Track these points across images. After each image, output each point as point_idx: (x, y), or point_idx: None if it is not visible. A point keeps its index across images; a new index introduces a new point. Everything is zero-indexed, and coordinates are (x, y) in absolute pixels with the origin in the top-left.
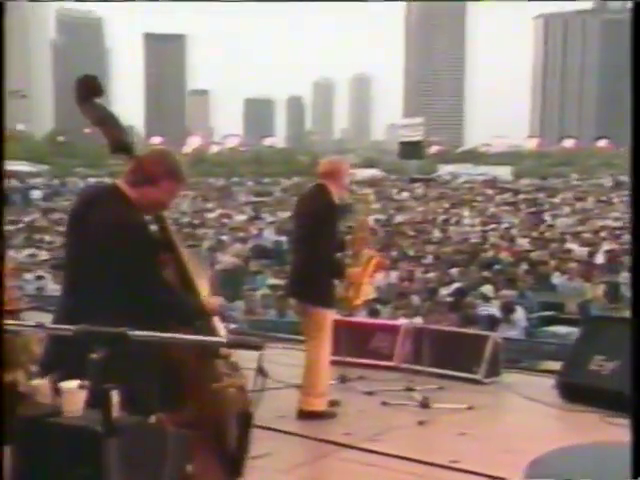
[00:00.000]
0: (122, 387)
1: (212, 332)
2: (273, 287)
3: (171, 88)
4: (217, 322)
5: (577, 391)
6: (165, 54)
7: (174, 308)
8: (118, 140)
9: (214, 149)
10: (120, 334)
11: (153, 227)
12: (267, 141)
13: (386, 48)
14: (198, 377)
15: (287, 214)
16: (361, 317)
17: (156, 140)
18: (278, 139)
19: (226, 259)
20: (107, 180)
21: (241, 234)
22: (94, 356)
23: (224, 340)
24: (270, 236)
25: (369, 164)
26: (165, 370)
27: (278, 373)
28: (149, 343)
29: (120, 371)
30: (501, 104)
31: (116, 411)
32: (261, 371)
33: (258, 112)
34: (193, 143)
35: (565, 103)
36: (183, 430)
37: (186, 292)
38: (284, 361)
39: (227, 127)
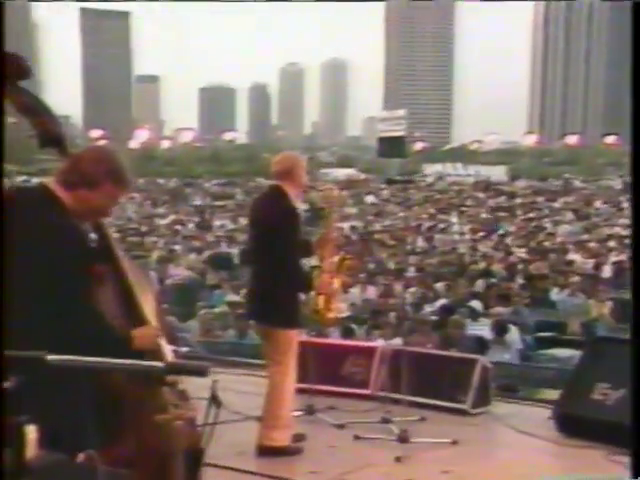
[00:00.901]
0: (43, 421)
1: (156, 356)
2: (233, 304)
3: (114, 73)
4: (163, 344)
5: (577, 424)
6: (106, 33)
7: (97, 341)
8: (48, 132)
9: (165, 144)
10: (36, 358)
11: (92, 235)
12: (226, 136)
13: (364, 30)
14: (139, 408)
15: None
16: (332, 338)
17: (96, 133)
18: (239, 134)
19: (178, 272)
20: (36, 180)
21: (196, 243)
22: (6, 384)
23: (160, 365)
24: (230, 245)
25: (344, 163)
26: (99, 400)
27: (236, 403)
28: (75, 369)
29: (40, 402)
30: (495, 96)
31: (33, 449)
32: (214, 400)
33: (216, 102)
34: (140, 137)
35: (568, 94)
36: (120, 469)
37: (125, 310)
38: (243, 389)
39: (180, 119)
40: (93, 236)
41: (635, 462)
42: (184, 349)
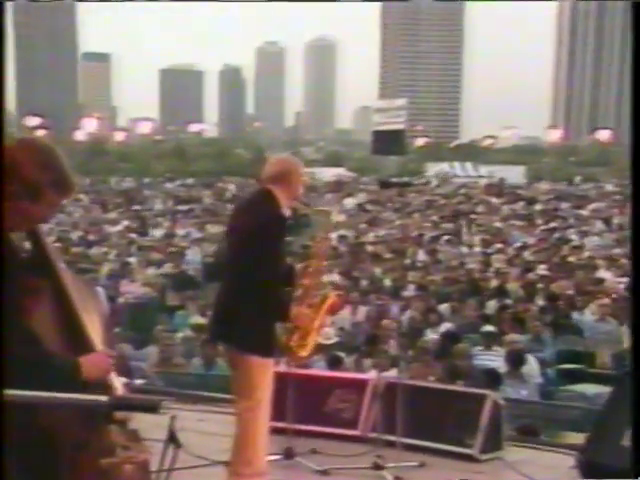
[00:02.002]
0: None
1: (103, 389)
2: (198, 328)
3: (55, 49)
4: (112, 374)
5: (604, 473)
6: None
7: (30, 369)
8: None
9: (118, 137)
10: None
11: (25, 245)
12: (192, 128)
13: (355, 4)
14: (79, 450)
15: (220, 228)
16: (315, 369)
17: (32, 121)
18: (208, 125)
19: (133, 289)
20: None
21: (155, 255)
22: None
23: (105, 399)
24: (196, 258)
25: (333, 161)
26: (33, 439)
27: (199, 445)
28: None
29: None
30: (512, 83)
31: None
32: (173, 441)
33: (180, 88)
34: (88, 127)
35: (600, 82)
36: None
37: (66, 334)
38: (208, 429)
39: (137, 107)
40: (26, 245)
41: (635, 462)
42: (138, 381)
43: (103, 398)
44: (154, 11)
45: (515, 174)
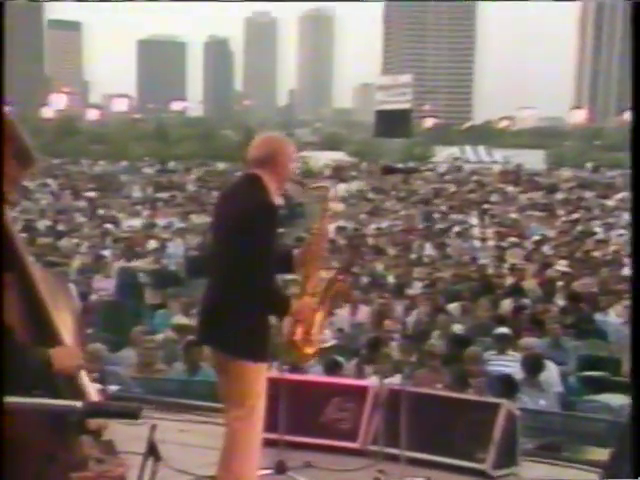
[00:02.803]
0: None
1: (75, 393)
2: (181, 328)
3: (17, 16)
4: (85, 379)
5: None
6: None
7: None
8: None
9: (91, 115)
10: None
11: None
12: (175, 106)
13: None
14: (50, 462)
15: (205, 218)
16: (311, 374)
17: None
18: (191, 103)
19: (108, 285)
20: None
21: (133, 248)
22: None
23: (78, 405)
24: (178, 251)
25: (331, 144)
26: None
27: (181, 458)
28: None
29: None
30: (531, 58)
31: None
32: (152, 453)
33: (160, 61)
34: (57, 104)
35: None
36: None
37: (35, 331)
38: (192, 440)
39: (112, 82)
40: None
41: (635, 462)
42: (114, 388)
43: (77, 403)
44: None
45: (534, 159)
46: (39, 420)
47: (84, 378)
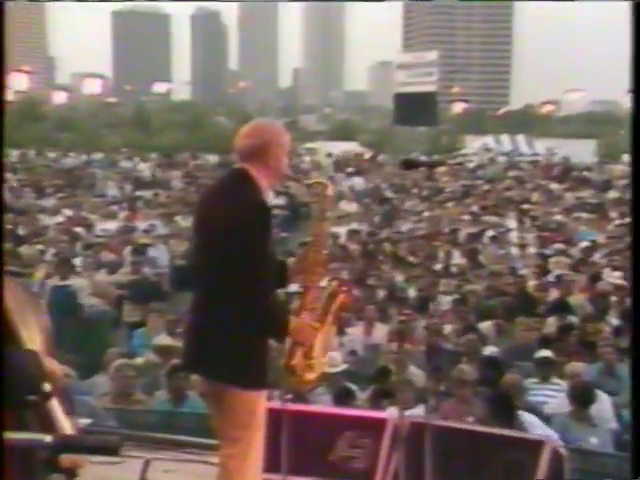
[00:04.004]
0: None
1: (44, 424)
2: (164, 350)
3: None
4: (56, 407)
5: None
6: None
7: None
8: None
9: (58, 97)
10: None
11: None
12: (157, 88)
13: None
14: None
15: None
16: (319, 405)
17: None
18: (178, 85)
19: (80, 299)
20: None
21: (108, 255)
22: None
23: (47, 439)
24: (161, 259)
25: (342, 134)
26: None
27: None
28: None
29: None
30: (580, 32)
31: None
32: None
33: (140, 35)
34: (17, 84)
35: None
36: None
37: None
38: None
39: (82, 59)
40: None
41: (635, 462)
42: (85, 421)
43: (47, 437)
44: None
45: (583, 151)
46: (2, 457)
47: (56, 408)
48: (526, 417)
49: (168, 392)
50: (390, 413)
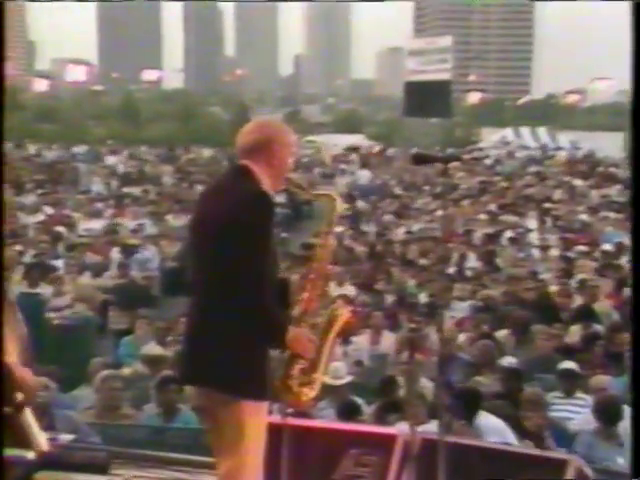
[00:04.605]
0: None
1: (17, 439)
2: (154, 361)
3: None
4: (31, 420)
5: None
6: None
7: None
8: None
9: (39, 85)
10: None
11: None
12: (147, 76)
13: None
14: None
15: (186, 220)
16: (323, 419)
17: None
18: (169, 73)
19: (60, 305)
20: None
21: (93, 257)
22: None
23: (28, 455)
24: (151, 262)
25: (348, 126)
26: None
27: None
28: None
29: None
30: (605, 14)
31: None
32: None
33: (128, 19)
34: None
35: None
36: None
37: None
38: None
39: (65, 44)
40: None
41: (635, 462)
42: (67, 437)
43: (28, 453)
44: None
45: (610, 145)
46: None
47: (30, 422)
48: (488, 420)
49: (158, 406)
50: (400, 429)
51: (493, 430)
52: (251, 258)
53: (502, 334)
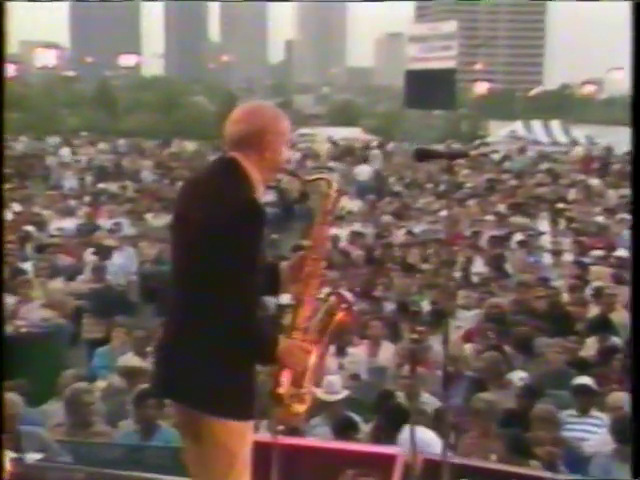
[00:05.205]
0: None
1: None
2: (131, 372)
3: None
4: None
5: None
6: None
7: None
8: None
9: (7, 71)
10: None
11: None
12: (125, 61)
13: None
14: None
15: (167, 219)
16: (316, 438)
17: None
18: (148, 58)
19: (28, 312)
20: None
21: (65, 259)
22: None
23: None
24: (129, 265)
25: (343, 118)
26: None
27: None
28: None
29: None
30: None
31: None
32: None
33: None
34: None
35: None
36: None
37: None
38: None
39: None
40: None
41: (635, 462)
42: (34, 456)
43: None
44: None
45: (628, 140)
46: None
47: None
48: (423, 434)
49: (135, 422)
50: (400, 448)
51: (431, 445)
52: (237, 267)
53: (511, 346)
